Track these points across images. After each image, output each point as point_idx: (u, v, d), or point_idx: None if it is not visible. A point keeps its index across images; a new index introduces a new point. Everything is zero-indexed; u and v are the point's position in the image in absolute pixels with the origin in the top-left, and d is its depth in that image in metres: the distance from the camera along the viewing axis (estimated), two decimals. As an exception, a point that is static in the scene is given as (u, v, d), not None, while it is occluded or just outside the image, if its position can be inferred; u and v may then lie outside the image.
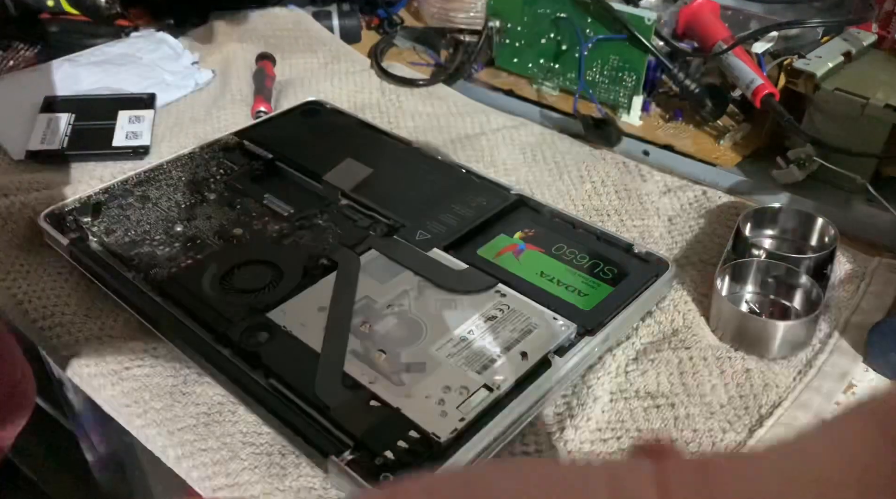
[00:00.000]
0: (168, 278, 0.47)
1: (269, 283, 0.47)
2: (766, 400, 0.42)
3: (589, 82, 0.66)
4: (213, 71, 0.73)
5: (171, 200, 0.54)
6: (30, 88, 0.68)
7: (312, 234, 0.51)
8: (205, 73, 0.73)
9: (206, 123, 0.66)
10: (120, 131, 0.63)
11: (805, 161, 0.55)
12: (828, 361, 0.44)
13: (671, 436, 0.40)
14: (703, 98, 0.62)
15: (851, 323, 0.46)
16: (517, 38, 0.70)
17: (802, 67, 0.56)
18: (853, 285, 0.49)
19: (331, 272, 0.47)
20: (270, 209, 0.53)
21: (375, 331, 0.43)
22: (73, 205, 0.53)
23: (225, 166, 0.58)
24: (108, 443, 0.69)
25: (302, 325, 0.43)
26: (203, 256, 0.49)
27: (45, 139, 0.62)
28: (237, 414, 0.41)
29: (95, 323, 0.47)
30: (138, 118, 0.65)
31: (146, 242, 0.50)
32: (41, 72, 0.70)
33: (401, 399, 0.39)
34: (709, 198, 0.56)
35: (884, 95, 0.53)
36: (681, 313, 0.47)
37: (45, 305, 0.48)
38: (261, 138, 0.60)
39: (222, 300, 0.45)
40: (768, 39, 0.60)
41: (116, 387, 0.43)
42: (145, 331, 0.46)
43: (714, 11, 0.64)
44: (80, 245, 0.50)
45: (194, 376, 0.43)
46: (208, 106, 0.69)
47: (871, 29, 0.62)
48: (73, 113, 0.65)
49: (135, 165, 0.61)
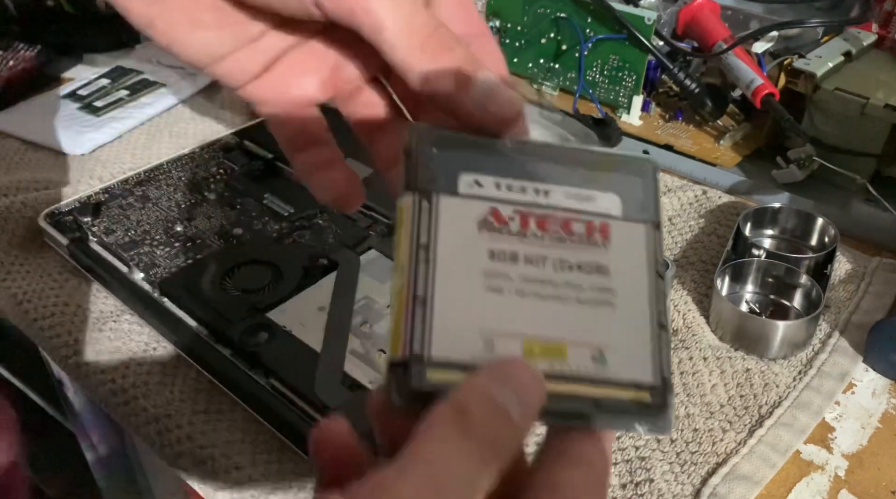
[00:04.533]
0: (168, 278, 0.47)
1: (269, 283, 0.47)
2: (766, 400, 0.42)
3: (589, 82, 0.66)
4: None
5: (171, 200, 0.54)
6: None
7: (312, 234, 0.51)
8: None
9: (206, 123, 0.66)
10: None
11: (805, 161, 0.55)
12: (828, 361, 0.44)
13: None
14: (703, 98, 0.62)
15: (851, 323, 0.46)
16: (517, 38, 0.70)
17: (802, 67, 0.56)
18: (853, 285, 0.49)
19: (331, 272, 0.47)
20: (270, 209, 0.53)
21: (375, 331, 0.43)
22: (73, 205, 0.53)
23: (225, 166, 0.58)
24: (108, 443, 0.69)
25: (302, 325, 0.43)
26: (203, 256, 0.49)
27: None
28: (236, 413, 0.41)
29: (95, 323, 0.47)
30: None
31: (146, 242, 0.50)
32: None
33: (401, 399, 0.39)
34: (709, 198, 0.56)
35: (884, 95, 0.53)
36: (681, 313, 0.47)
37: (45, 305, 0.48)
38: (261, 138, 0.60)
39: (222, 300, 0.45)
40: (768, 39, 0.60)
41: (116, 386, 0.43)
42: (145, 331, 0.46)
43: (714, 11, 0.64)
44: (80, 245, 0.50)
45: (194, 375, 0.43)
46: (208, 105, 0.69)
47: (872, 29, 0.62)
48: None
49: (135, 164, 0.61)
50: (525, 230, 0.22)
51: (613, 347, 0.21)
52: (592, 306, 0.22)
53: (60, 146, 0.63)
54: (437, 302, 0.21)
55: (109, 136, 0.64)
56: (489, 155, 0.23)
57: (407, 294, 0.21)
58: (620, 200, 0.23)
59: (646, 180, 0.24)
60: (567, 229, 0.22)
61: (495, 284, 0.21)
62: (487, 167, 0.23)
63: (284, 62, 0.27)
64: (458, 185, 0.22)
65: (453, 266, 0.21)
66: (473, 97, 0.23)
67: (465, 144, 0.23)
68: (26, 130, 0.65)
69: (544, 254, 0.22)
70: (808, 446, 0.40)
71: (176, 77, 0.71)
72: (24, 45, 0.73)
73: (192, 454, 0.40)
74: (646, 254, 0.23)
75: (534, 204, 0.23)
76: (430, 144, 0.23)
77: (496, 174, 0.23)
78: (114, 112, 0.67)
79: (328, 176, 0.28)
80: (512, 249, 0.22)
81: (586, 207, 0.23)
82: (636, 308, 0.22)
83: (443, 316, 0.20)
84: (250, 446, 0.40)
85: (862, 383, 0.44)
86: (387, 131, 0.28)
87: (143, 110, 0.67)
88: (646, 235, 0.23)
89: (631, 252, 0.23)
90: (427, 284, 0.21)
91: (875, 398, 0.43)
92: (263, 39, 0.26)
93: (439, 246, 0.21)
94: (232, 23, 0.25)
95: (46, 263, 0.51)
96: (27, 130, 0.65)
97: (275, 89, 0.27)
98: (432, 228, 0.21)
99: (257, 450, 0.39)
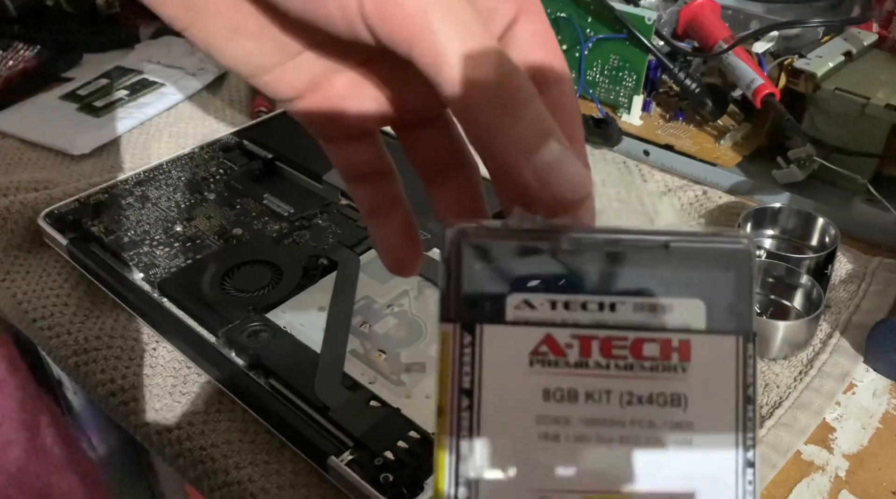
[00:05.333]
0: (168, 278, 0.47)
1: (269, 283, 0.47)
2: (766, 400, 0.42)
3: (589, 82, 0.66)
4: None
5: (170, 200, 0.54)
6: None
7: (312, 234, 0.51)
8: None
9: (206, 123, 0.66)
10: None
11: (805, 161, 0.55)
12: (828, 362, 0.44)
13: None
14: (704, 98, 0.62)
15: (852, 323, 0.46)
16: (517, 38, 0.70)
17: (803, 67, 0.56)
18: (854, 285, 0.49)
19: (331, 272, 0.47)
20: (270, 209, 0.53)
21: (375, 331, 0.43)
22: (72, 205, 0.53)
23: (224, 166, 0.58)
24: (108, 443, 0.69)
25: (302, 325, 0.43)
26: (202, 256, 0.49)
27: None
28: (236, 413, 0.41)
29: (95, 323, 0.47)
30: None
31: (146, 242, 0.50)
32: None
33: (401, 399, 0.39)
34: (709, 198, 0.56)
35: (884, 95, 0.53)
36: (681, 313, 0.47)
37: (44, 305, 0.48)
38: (260, 138, 0.60)
39: (222, 300, 0.45)
40: (769, 39, 0.60)
41: (116, 386, 0.43)
42: (145, 331, 0.46)
43: (714, 11, 0.63)
44: (80, 245, 0.50)
45: (194, 376, 0.43)
46: (208, 105, 0.69)
47: (872, 29, 0.62)
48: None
49: (134, 164, 0.61)
50: (586, 359, 0.19)
51: (693, 493, 0.18)
52: (665, 449, 0.18)
53: (60, 146, 0.63)
54: (482, 459, 0.18)
55: (109, 136, 0.64)
56: (543, 263, 0.19)
57: (449, 446, 0.18)
58: (705, 307, 0.19)
59: (739, 274, 0.19)
60: (637, 353, 0.19)
61: (551, 432, 0.18)
62: (540, 280, 0.19)
63: (335, 82, 0.24)
64: (506, 309, 0.19)
65: (501, 414, 0.19)
66: (536, 167, 0.19)
67: (515, 249, 0.19)
68: (26, 129, 0.65)
69: (609, 387, 0.19)
70: (809, 446, 0.40)
71: (175, 77, 0.71)
72: (24, 45, 0.73)
73: (191, 454, 0.40)
74: (734, 375, 0.19)
75: (596, 324, 0.19)
76: (471, 255, 0.19)
77: (551, 289, 0.19)
78: (113, 112, 0.67)
79: (388, 228, 0.25)
80: (570, 386, 0.19)
81: (661, 321, 0.19)
82: (720, 444, 0.18)
83: (489, 475, 0.18)
84: (250, 446, 0.40)
85: (862, 384, 0.44)
86: (450, 177, 0.25)
87: (142, 110, 0.67)
88: (735, 351, 0.19)
89: (715, 374, 0.19)
90: (471, 436, 0.18)
91: (876, 399, 0.43)
92: (309, 55, 0.23)
93: (484, 390, 0.19)
94: (275, 33, 0.22)
95: (46, 263, 0.51)
96: (26, 130, 0.65)
97: (322, 110, 0.24)
98: (476, 369, 0.19)
99: (257, 450, 0.39)
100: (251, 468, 0.38)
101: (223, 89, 0.71)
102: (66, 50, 0.75)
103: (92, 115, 0.66)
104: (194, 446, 0.40)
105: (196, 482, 0.40)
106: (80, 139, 0.63)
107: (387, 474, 0.35)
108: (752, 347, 0.19)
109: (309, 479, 0.38)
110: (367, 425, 0.37)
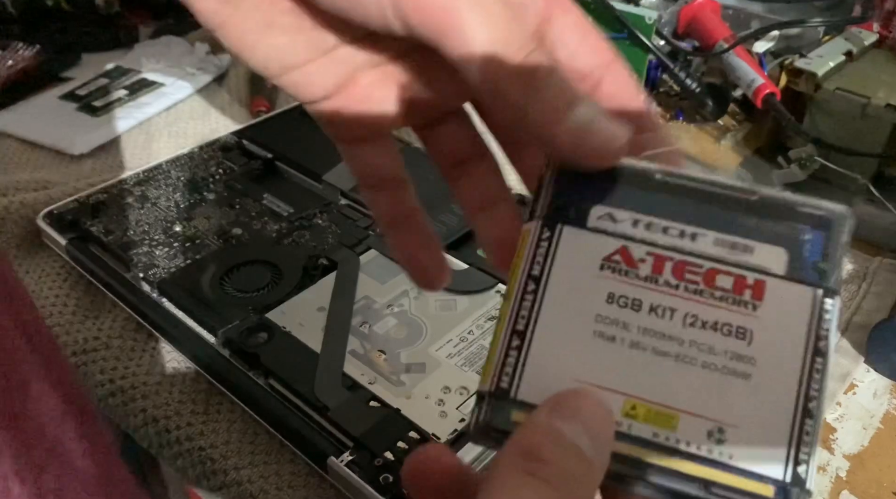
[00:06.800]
0: (167, 278, 0.47)
1: (269, 283, 0.46)
2: (767, 400, 0.42)
3: (589, 82, 0.66)
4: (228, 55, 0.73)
5: (170, 200, 0.54)
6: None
7: (312, 234, 0.51)
8: (223, 57, 0.73)
9: (206, 123, 0.66)
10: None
11: (806, 161, 0.55)
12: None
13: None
14: (704, 98, 0.62)
15: (853, 323, 0.46)
16: (517, 38, 0.70)
17: (804, 67, 0.56)
18: (854, 285, 0.49)
19: (330, 272, 0.47)
20: (270, 209, 0.53)
21: (375, 331, 0.43)
22: (72, 205, 0.53)
23: (224, 166, 0.58)
24: (108, 443, 0.68)
25: (301, 325, 0.43)
26: (202, 256, 0.49)
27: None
28: (235, 413, 0.41)
29: (95, 323, 0.47)
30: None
31: (145, 242, 0.50)
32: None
33: (400, 400, 0.39)
34: (709, 198, 0.56)
35: (885, 95, 0.53)
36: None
37: (44, 306, 0.48)
38: (260, 138, 0.60)
39: (221, 300, 0.45)
40: (769, 39, 0.60)
41: (115, 387, 0.43)
42: (145, 331, 0.46)
43: (715, 11, 0.63)
44: (80, 245, 0.49)
45: (193, 376, 0.43)
46: (207, 105, 0.69)
47: (873, 28, 0.62)
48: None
49: (134, 164, 0.61)
50: (657, 276, 0.19)
51: (738, 425, 0.18)
52: (721, 374, 0.18)
53: (59, 146, 0.63)
54: (535, 340, 0.19)
55: (108, 135, 0.64)
56: (634, 188, 0.20)
57: (507, 325, 0.19)
58: (788, 255, 0.19)
59: (832, 235, 0.20)
60: (709, 281, 0.19)
61: (608, 332, 0.19)
62: (628, 201, 0.20)
63: (360, 82, 0.24)
64: (588, 217, 0.20)
65: (563, 304, 0.19)
66: (569, 129, 0.20)
67: (610, 175, 0.20)
68: (25, 129, 0.65)
69: (674, 305, 0.19)
70: (810, 446, 0.40)
71: (175, 77, 0.71)
72: (24, 45, 0.73)
73: (191, 454, 0.40)
74: (807, 324, 0.19)
75: (674, 248, 0.19)
76: (569, 172, 0.20)
77: (636, 210, 0.20)
78: (113, 112, 0.67)
79: (412, 243, 0.26)
80: (636, 296, 0.19)
81: (740, 259, 0.19)
82: (779, 386, 0.18)
83: (539, 356, 0.19)
84: (250, 447, 0.40)
85: (863, 384, 0.44)
86: (474, 170, 0.26)
87: (141, 110, 0.67)
88: (812, 302, 0.19)
89: (787, 319, 0.19)
90: (530, 319, 0.19)
91: (876, 399, 0.43)
92: (339, 52, 0.23)
93: (551, 280, 0.19)
94: (308, 28, 0.23)
95: (45, 263, 0.51)
96: (26, 130, 0.65)
97: (348, 110, 0.25)
98: (548, 260, 0.20)
99: (257, 450, 0.39)
100: (251, 469, 0.38)
101: (223, 89, 0.71)
102: (66, 50, 0.75)
103: (91, 115, 0.66)
104: (194, 447, 0.40)
105: (196, 483, 0.40)
106: (79, 139, 0.63)
107: (386, 474, 0.35)
108: (830, 304, 0.19)
109: (309, 479, 0.38)
110: (366, 425, 0.37)
